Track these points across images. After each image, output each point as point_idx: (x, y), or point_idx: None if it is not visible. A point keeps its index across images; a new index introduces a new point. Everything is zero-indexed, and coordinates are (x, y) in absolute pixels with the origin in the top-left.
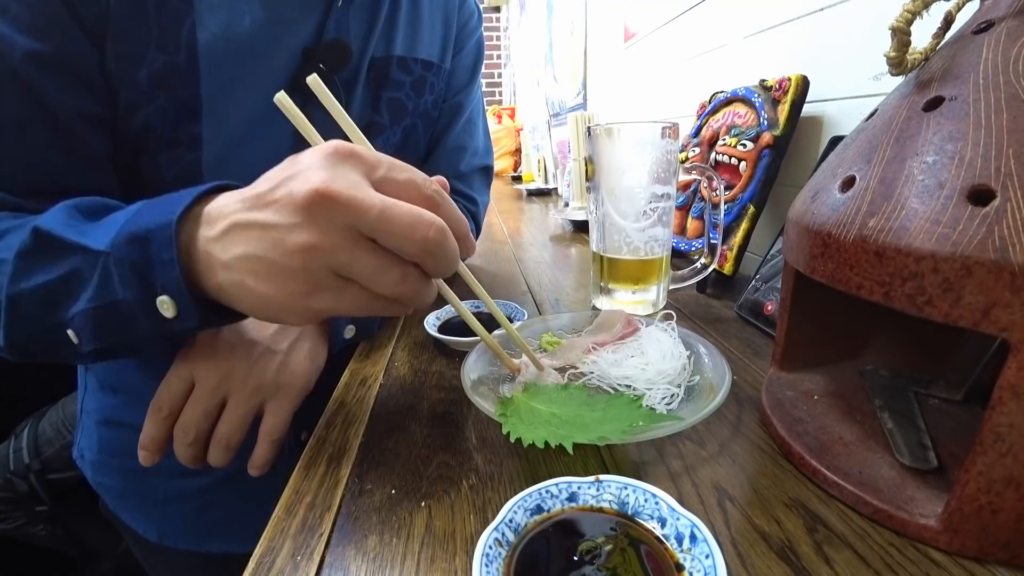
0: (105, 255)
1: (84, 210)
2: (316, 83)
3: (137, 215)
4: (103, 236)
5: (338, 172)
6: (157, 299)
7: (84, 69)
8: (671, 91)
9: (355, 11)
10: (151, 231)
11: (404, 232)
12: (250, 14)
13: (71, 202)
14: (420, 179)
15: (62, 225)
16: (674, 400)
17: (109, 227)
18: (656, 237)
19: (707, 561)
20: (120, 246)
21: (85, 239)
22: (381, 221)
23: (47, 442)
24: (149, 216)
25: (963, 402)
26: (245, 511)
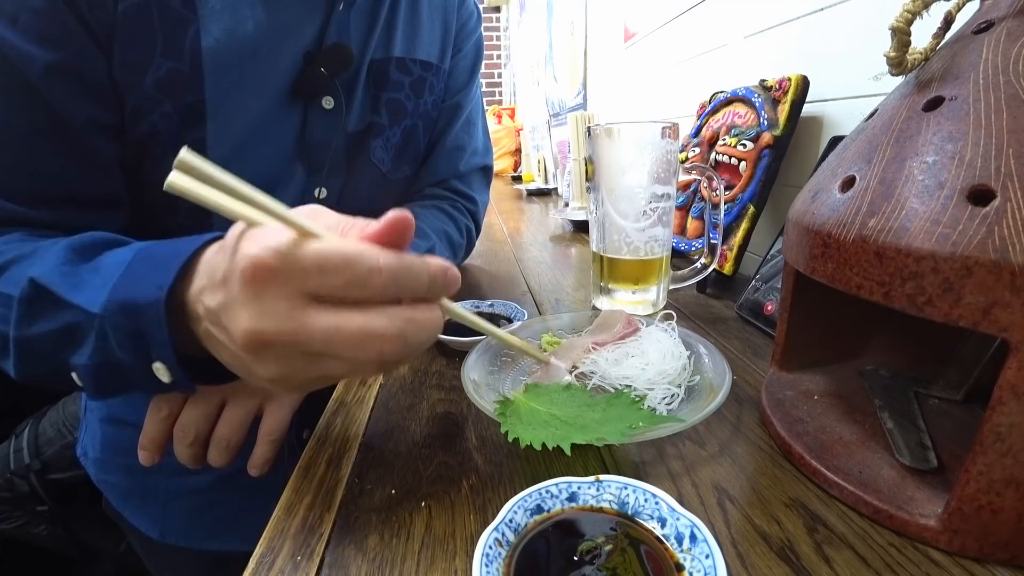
0: (100, 317)
1: (79, 250)
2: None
3: (129, 275)
4: (96, 293)
5: (264, 305)
6: (153, 365)
7: (94, 77)
8: (671, 91)
9: (355, 14)
10: (141, 306)
11: (355, 353)
12: (253, 19)
13: (66, 242)
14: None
15: (56, 276)
16: (674, 400)
17: (104, 280)
18: (656, 237)
19: (707, 561)
20: (113, 313)
21: (78, 296)
22: (327, 348)
23: (47, 442)
24: (141, 284)
25: (963, 402)
26: (247, 510)
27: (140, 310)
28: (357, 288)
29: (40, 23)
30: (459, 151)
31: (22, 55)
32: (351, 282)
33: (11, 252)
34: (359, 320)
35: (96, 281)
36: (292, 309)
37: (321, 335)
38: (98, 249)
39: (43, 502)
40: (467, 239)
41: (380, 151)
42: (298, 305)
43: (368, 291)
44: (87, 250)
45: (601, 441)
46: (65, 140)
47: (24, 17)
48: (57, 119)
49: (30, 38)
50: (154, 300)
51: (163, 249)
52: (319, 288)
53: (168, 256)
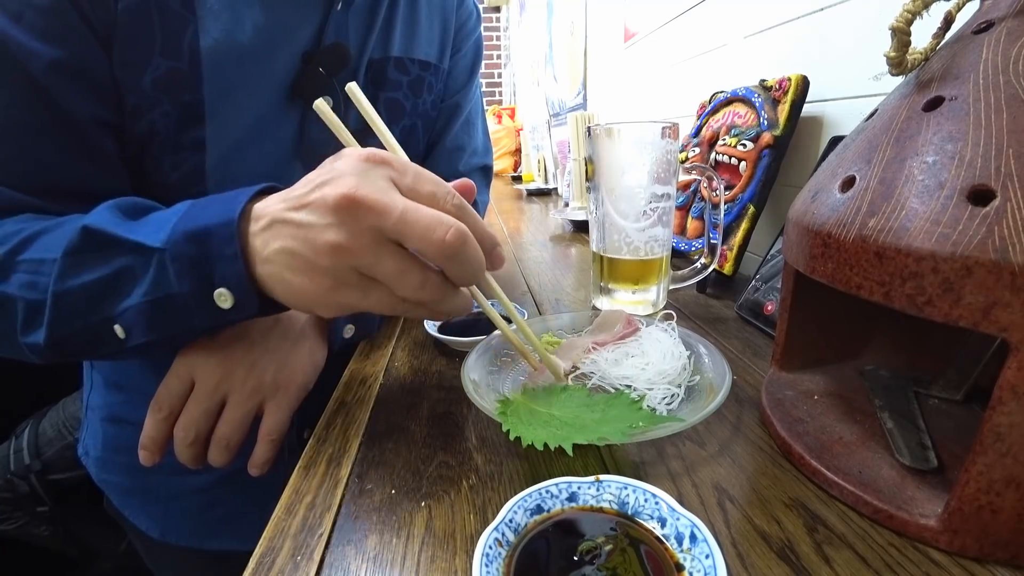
0: (160, 251)
1: (125, 210)
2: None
3: (189, 215)
4: (155, 233)
5: (368, 178)
6: (215, 292)
7: (98, 75)
8: (671, 91)
9: (353, 14)
10: (210, 228)
11: (423, 234)
12: (251, 20)
13: (111, 203)
14: (443, 190)
15: (112, 223)
16: (674, 400)
17: (159, 225)
18: (656, 237)
19: (707, 561)
20: (177, 243)
21: (137, 236)
22: (402, 223)
23: (48, 443)
24: (206, 214)
25: (963, 402)
26: (248, 509)
27: (209, 233)
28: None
29: (44, 20)
30: (459, 151)
31: (27, 51)
32: (434, 193)
33: (33, 227)
34: (434, 210)
35: (152, 224)
36: (388, 187)
37: (402, 208)
38: (143, 210)
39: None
40: None
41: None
42: (392, 188)
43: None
44: (133, 211)
45: (602, 440)
46: (70, 136)
47: (29, 14)
48: (62, 115)
49: (35, 35)
50: (225, 220)
51: (220, 196)
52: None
53: (231, 196)
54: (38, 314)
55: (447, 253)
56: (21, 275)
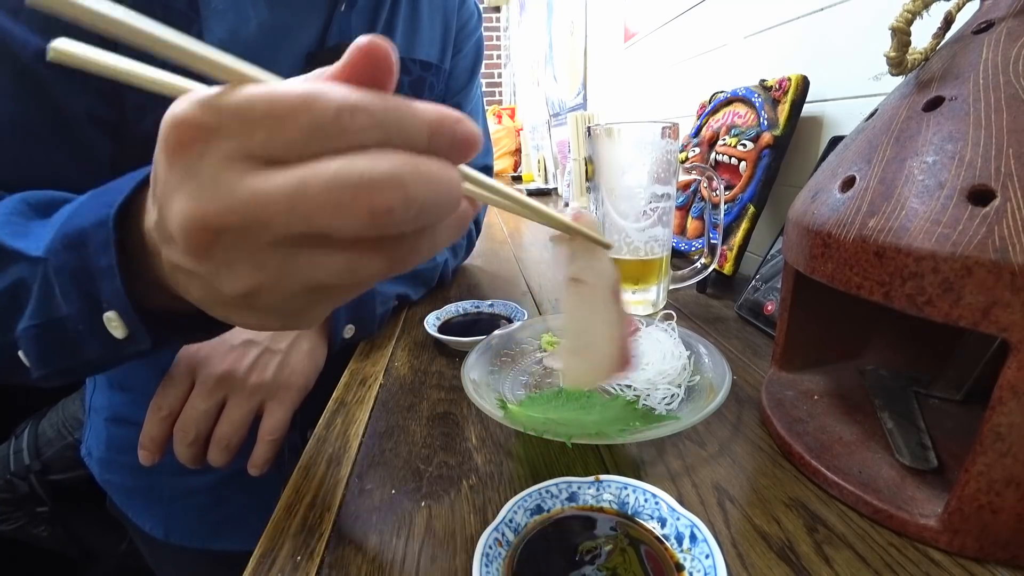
0: (44, 262)
1: (34, 205)
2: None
3: (76, 211)
4: (40, 239)
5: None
6: (103, 316)
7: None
8: (671, 91)
9: (357, 15)
10: (85, 230)
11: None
12: (256, 20)
13: (19, 196)
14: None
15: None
16: (674, 400)
17: (51, 227)
18: (656, 237)
19: (707, 561)
20: (56, 251)
21: (22, 242)
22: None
23: (47, 443)
24: (87, 211)
25: (963, 402)
26: (250, 509)
27: (84, 238)
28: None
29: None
30: None
31: (23, 44)
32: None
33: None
34: (333, 166)
35: (44, 230)
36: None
37: (283, 198)
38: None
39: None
40: (467, 239)
41: None
42: (246, 170)
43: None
44: (44, 207)
45: (601, 436)
46: (62, 131)
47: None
48: (55, 109)
49: (32, 28)
50: (98, 220)
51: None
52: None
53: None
54: None
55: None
56: None
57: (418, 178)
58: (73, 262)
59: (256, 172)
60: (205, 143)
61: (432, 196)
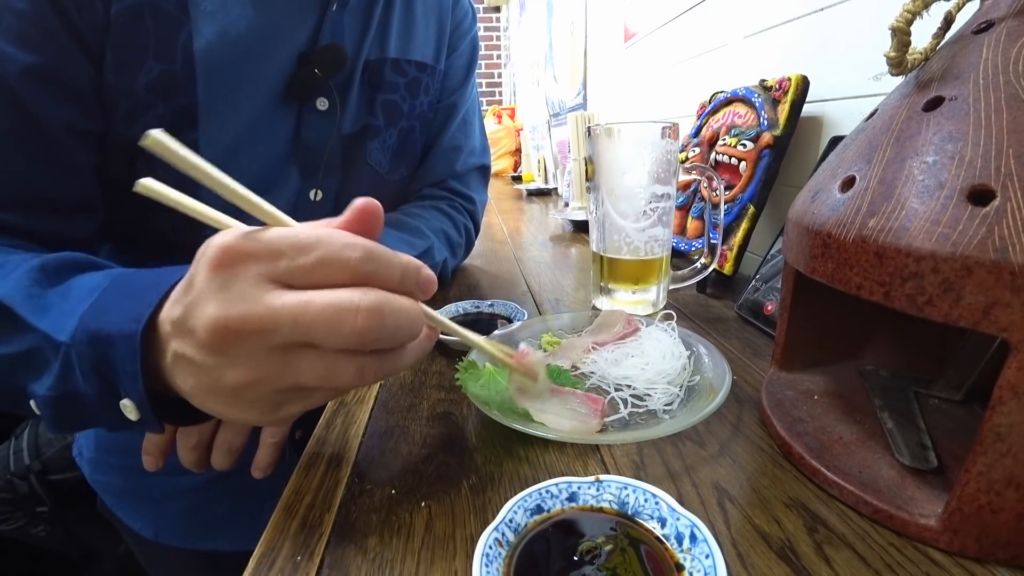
0: (67, 346)
1: (50, 271)
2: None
3: (100, 305)
4: (64, 320)
5: (230, 292)
6: (120, 402)
7: (76, 83)
8: (671, 91)
9: (349, 14)
10: (113, 337)
11: (330, 332)
12: (246, 20)
13: (37, 262)
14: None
15: (23, 297)
16: (674, 400)
17: (72, 307)
18: (656, 237)
19: (707, 561)
20: (81, 342)
21: (44, 322)
22: (298, 331)
23: (47, 443)
24: (112, 314)
25: (963, 402)
26: (239, 511)
27: (112, 342)
28: (329, 266)
29: (22, 25)
30: (456, 151)
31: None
32: (323, 259)
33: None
34: (330, 294)
35: (65, 306)
36: (260, 293)
37: (290, 313)
38: (70, 271)
39: (43, 503)
40: (466, 238)
41: (377, 153)
42: (267, 289)
43: (341, 268)
44: (59, 271)
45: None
46: (40, 143)
47: (7, 18)
48: (33, 122)
49: (10, 39)
50: (129, 333)
51: (141, 278)
52: (290, 270)
53: (146, 286)
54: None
55: (368, 339)
56: None
57: (392, 309)
58: (97, 356)
59: (273, 291)
60: (243, 264)
61: (401, 323)
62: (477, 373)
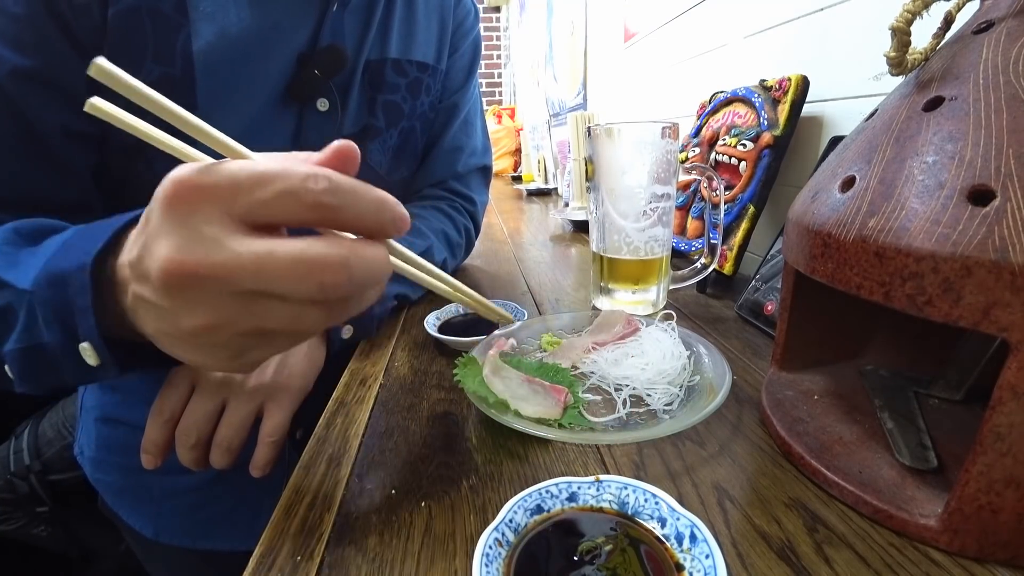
0: (29, 294)
1: (24, 234)
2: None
3: (61, 250)
4: (29, 271)
5: (187, 232)
6: (80, 345)
7: (70, 85)
8: (671, 91)
9: (350, 14)
10: (67, 273)
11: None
12: (244, 21)
13: (11, 225)
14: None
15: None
16: (674, 400)
17: (37, 261)
18: (656, 237)
19: (707, 561)
20: (41, 287)
21: (11, 273)
22: (260, 282)
23: (47, 443)
24: (71, 253)
25: (963, 402)
26: (239, 510)
27: (66, 280)
28: (290, 197)
29: (16, 28)
30: (457, 152)
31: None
32: (284, 191)
33: None
34: (295, 245)
35: (33, 260)
36: (220, 235)
37: (252, 262)
38: (45, 234)
39: (43, 503)
40: (466, 239)
41: (377, 154)
42: (227, 230)
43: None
44: (34, 235)
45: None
46: (34, 145)
47: (1, 21)
48: (27, 124)
49: (4, 42)
50: (79, 265)
51: (99, 224)
52: (251, 206)
53: (101, 228)
54: None
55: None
56: None
57: (359, 261)
58: (55, 298)
59: (234, 235)
60: (198, 200)
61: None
62: (476, 370)
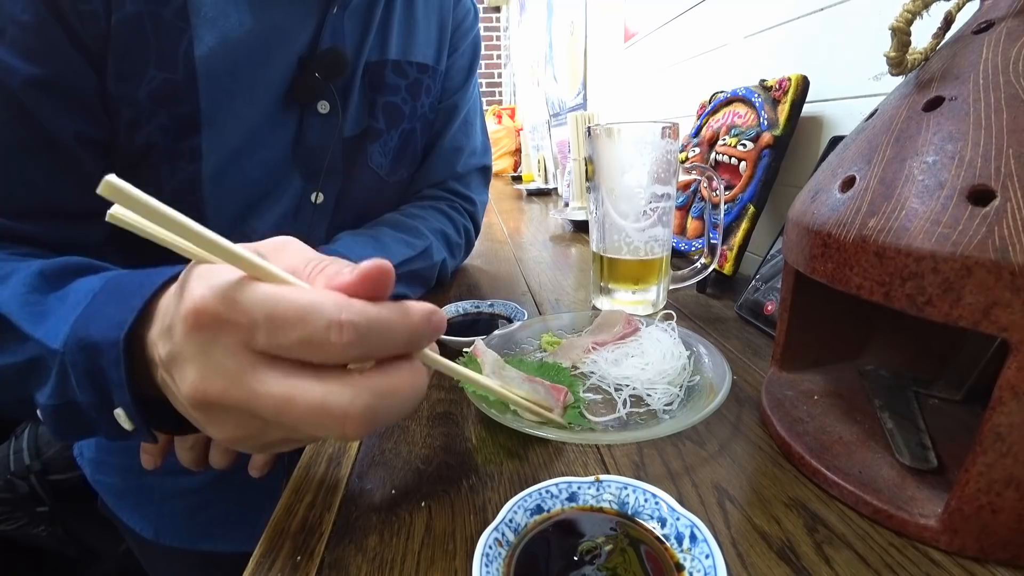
0: (61, 354)
1: (49, 276)
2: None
3: (91, 311)
4: (59, 327)
5: (208, 360)
6: (114, 411)
7: (81, 92)
8: (671, 91)
9: (350, 16)
10: (99, 344)
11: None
12: (246, 26)
13: (37, 266)
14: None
15: (19, 306)
16: (674, 400)
17: (67, 314)
18: (656, 237)
19: (707, 561)
20: (72, 350)
21: (40, 330)
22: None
23: (47, 443)
24: (101, 320)
25: (963, 402)
26: (239, 511)
27: (99, 350)
28: (313, 348)
29: (27, 37)
30: (457, 152)
31: (5, 68)
32: (305, 340)
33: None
34: (316, 392)
35: (61, 312)
36: (240, 369)
37: (272, 406)
38: (69, 276)
39: (43, 503)
40: (465, 239)
41: (378, 156)
42: (247, 364)
43: (327, 353)
44: (59, 276)
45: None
46: (49, 153)
47: (11, 31)
48: (42, 132)
49: (15, 51)
50: (113, 340)
51: (129, 281)
52: (269, 344)
53: (132, 290)
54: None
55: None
56: None
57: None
58: (87, 363)
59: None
60: (218, 330)
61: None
62: (476, 370)
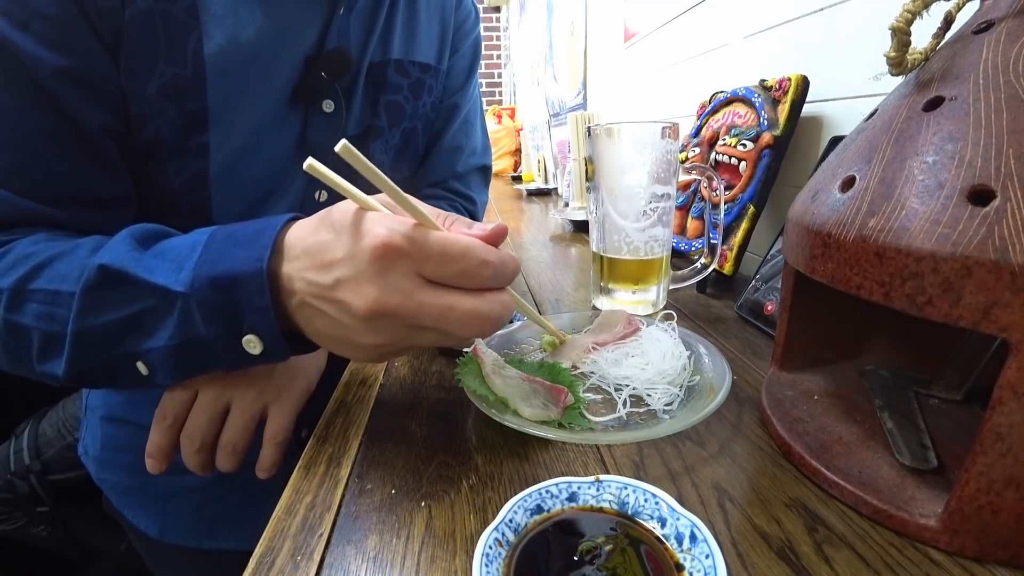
0: (184, 296)
1: (141, 239)
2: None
3: (211, 256)
4: (175, 274)
5: (389, 282)
6: (243, 338)
7: (106, 84)
8: (671, 91)
9: (355, 17)
10: (238, 277)
11: (462, 330)
12: (255, 24)
13: (125, 233)
14: (472, 266)
15: (129, 260)
16: (674, 400)
17: (178, 262)
18: (656, 237)
19: (707, 561)
20: (202, 289)
21: (156, 278)
22: (438, 325)
23: (48, 443)
24: (230, 259)
25: (963, 402)
26: (244, 509)
27: (236, 282)
28: (466, 277)
29: (52, 30)
30: (457, 151)
31: (33, 59)
32: (463, 272)
33: (44, 252)
34: (469, 303)
35: (165, 264)
36: (413, 287)
37: (437, 312)
38: (157, 238)
39: (43, 503)
40: None
41: (379, 154)
42: (416, 284)
43: (475, 281)
44: (147, 239)
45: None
46: (78, 142)
47: (36, 24)
48: (71, 122)
49: (42, 43)
50: (254, 272)
51: (242, 229)
52: (435, 272)
53: (252, 234)
54: (56, 346)
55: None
56: (36, 305)
57: (505, 313)
58: (220, 299)
59: (421, 288)
60: (398, 259)
61: (506, 318)
62: (475, 368)
